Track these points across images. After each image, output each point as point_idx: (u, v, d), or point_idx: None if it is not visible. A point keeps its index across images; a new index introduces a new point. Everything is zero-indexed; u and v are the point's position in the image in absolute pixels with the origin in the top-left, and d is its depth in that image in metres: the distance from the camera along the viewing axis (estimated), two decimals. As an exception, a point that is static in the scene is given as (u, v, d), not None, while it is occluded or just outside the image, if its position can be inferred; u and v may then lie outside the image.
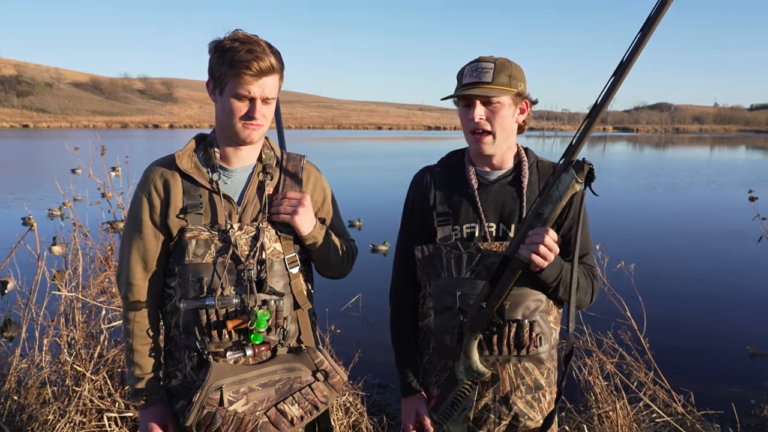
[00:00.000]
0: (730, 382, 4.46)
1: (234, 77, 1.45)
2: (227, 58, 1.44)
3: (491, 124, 1.54)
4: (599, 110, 1.33)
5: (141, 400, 1.59)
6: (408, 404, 1.68)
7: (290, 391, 1.54)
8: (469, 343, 1.51)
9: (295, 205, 1.57)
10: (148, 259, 1.57)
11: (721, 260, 8.90)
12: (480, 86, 1.51)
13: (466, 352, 1.52)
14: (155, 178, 1.56)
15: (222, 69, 1.46)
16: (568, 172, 1.36)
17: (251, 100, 1.48)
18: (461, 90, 1.53)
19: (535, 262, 1.42)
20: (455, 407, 1.55)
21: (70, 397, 2.97)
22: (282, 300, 1.55)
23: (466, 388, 1.54)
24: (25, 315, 3.33)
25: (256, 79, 1.45)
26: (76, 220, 3.87)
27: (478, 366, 1.52)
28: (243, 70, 1.43)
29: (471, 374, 1.52)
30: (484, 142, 1.56)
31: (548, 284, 1.52)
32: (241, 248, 1.53)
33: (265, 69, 1.45)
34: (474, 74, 1.52)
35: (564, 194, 1.37)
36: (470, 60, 1.58)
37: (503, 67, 1.53)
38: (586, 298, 1.62)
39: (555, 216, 1.40)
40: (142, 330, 1.59)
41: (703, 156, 40.33)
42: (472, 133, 1.56)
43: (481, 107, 1.53)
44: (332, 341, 3.41)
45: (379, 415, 3.40)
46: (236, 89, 1.46)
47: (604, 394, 3.12)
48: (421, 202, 1.67)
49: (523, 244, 1.42)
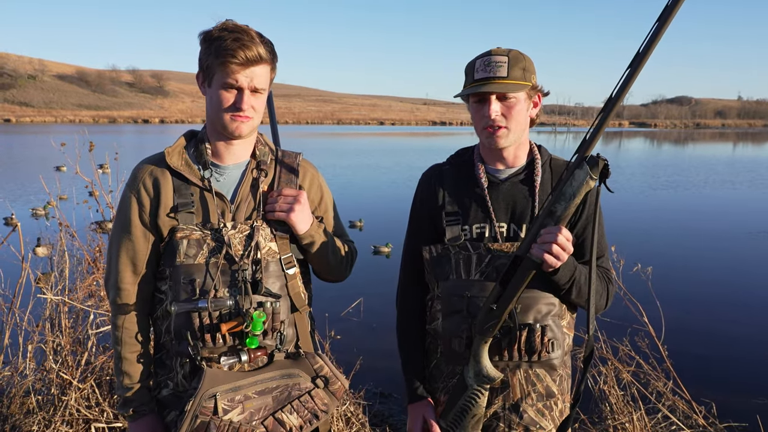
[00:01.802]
0: (755, 392, 4.45)
1: (220, 66, 1.46)
2: (214, 47, 1.45)
3: (506, 119, 1.55)
4: (614, 104, 1.33)
5: (130, 411, 1.60)
6: (414, 411, 1.69)
7: (288, 398, 1.54)
8: (479, 347, 1.51)
9: (291, 202, 1.57)
10: (137, 262, 1.58)
11: (744, 263, 8.88)
12: (495, 81, 1.51)
13: (476, 357, 1.52)
14: (144, 177, 1.57)
15: (210, 59, 1.47)
16: (581, 168, 1.36)
17: (239, 90, 1.49)
18: (474, 85, 1.53)
19: (548, 261, 1.41)
20: (465, 414, 1.55)
21: (55, 406, 2.98)
22: (278, 302, 1.55)
23: (476, 394, 1.54)
24: (8, 320, 3.34)
25: (243, 68, 1.46)
26: (62, 220, 3.89)
27: (488, 371, 1.52)
28: (229, 58, 1.44)
29: (481, 380, 1.52)
30: (499, 135, 1.56)
31: (561, 286, 1.52)
32: (235, 248, 1.54)
33: (252, 58, 1.46)
34: (487, 69, 1.52)
35: (578, 191, 1.37)
36: (479, 53, 1.58)
37: (516, 60, 1.53)
38: (600, 302, 1.62)
39: (569, 214, 1.40)
40: (132, 337, 1.60)
41: (726, 153, 40.23)
42: (485, 128, 1.57)
43: (496, 103, 1.53)
44: (332, 348, 3.41)
45: (382, 426, 3.41)
46: (223, 79, 1.47)
47: (620, 404, 3.12)
48: (429, 201, 1.68)
49: (535, 243, 1.42)
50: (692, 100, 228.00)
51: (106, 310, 3.36)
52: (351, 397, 3.26)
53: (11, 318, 3.33)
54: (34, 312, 3.36)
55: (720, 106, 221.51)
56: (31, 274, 3.43)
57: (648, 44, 1.26)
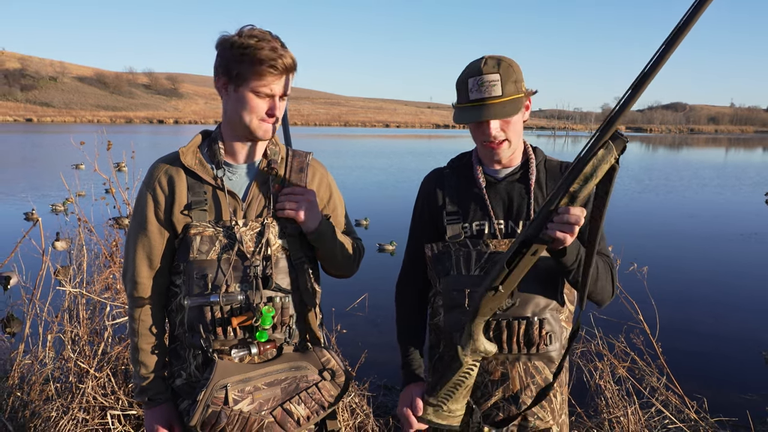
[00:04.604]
0: (745, 388, 4.44)
1: (256, 74, 1.45)
2: (248, 55, 1.44)
3: (506, 132, 1.54)
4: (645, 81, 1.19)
5: (146, 399, 1.61)
6: (405, 392, 1.66)
7: (296, 390, 1.54)
8: (477, 326, 1.47)
9: (300, 200, 1.57)
10: (153, 257, 1.58)
11: (736, 264, 8.84)
12: (491, 102, 1.48)
13: (472, 335, 1.48)
14: (160, 175, 1.58)
15: (242, 66, 1.45)
16: (606, 148, 1.26)
17: (271, 97, 1.50)
18: (471, 107, 1.51)
19: (559, 237, 1.33)
20: (458, 387, 1.52)
21: (73, 393, 3.00)
22: (288, 297, 1.56)
23: (471, 368, 1.51)
24: (29, 310, 3.35)
25: (279, 78, 1.48)
26: (81, 216, 3.90)
27: (485, 345, 1.49)
28: (268, 68, 1.44)
29: (477, 354, 1.49)
30: (502, 148, 1.56)
31: (569, 267, 1.46)
32: (247, 244, 1.54)
33: (289, 66, 1.49)
34: (482, 89, 1.48)
35: (598, 170, 1.27)
36: (467, 67, 1.53)
37: (508, 75, 1.49)
38: (607, 286, 1.56)
39: (585, 195, 1.30)
40: (147, 328, 1.61)
41: (719, 157, 40.06)
42: (486, 144, 1.56)
43: (495, 122, 1.52)
44: (338, 341, 3.41)
45: (385, 417, 3.40)
46: (258, 87, 1.47)
47: (616, 398, 3.11)
48: (430, 202, 1.69)
49: (550, 222, 1.34)
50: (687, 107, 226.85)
51: (122, 302, 3.37)
52: (356, 389, 3.26)
53: (32, 309, 3.34)
54: (53, 303, 3.37)
55: (713, 113, 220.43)
56: (51, 267, 3.44)
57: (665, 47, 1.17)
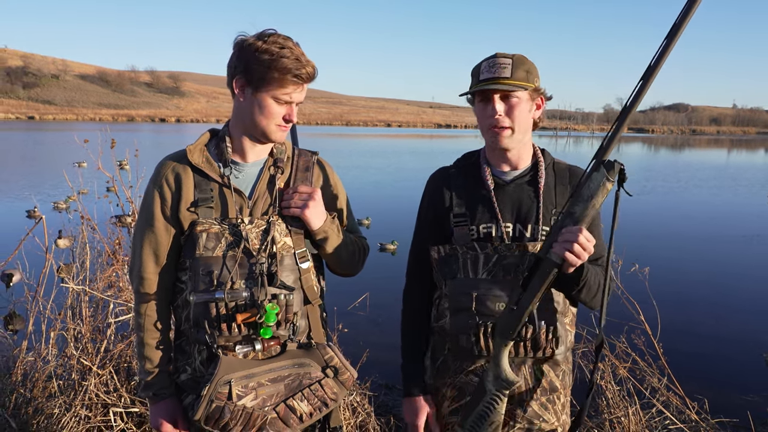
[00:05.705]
0: (746, 389, 4.43)
1: (278, 82, 1.49)
2: (273, 62, 1.47)
3: (510, 119, 1.55)
4: (628, 112, 1.35)
5: (151, 394, 1.62)
6: (413, 405, 1.67)
7: (299, 387, 1.55)
8: (499, 350, 1.49)
9: (305, 199, 1.58)
10: (159, 253, 1.60)
11: (738, 265, 8.83)
12: (498, 81, 1.52)
13: (496, 360, 1.49)
14: (167, 172, 1.59)
15: (265, 72, 1.48)
16: (598, 171, 1.36)
17: (289, 104, 1.55)
18: (479, 86, 1.54)
19: (569, 260, 1.39)
20: (484, 420, 1.52)
21: (76, 391, 3.01)
22: (292, 294, 1.56)
23: (495, 400, 1.50)
24: (32, 308, 3.36)
25: (300, 87, 1.53)
26: (84, 213, 3.92)
27: (507, 375, 1.49)
28: (292, 77, 1.49)
29: (500, 384, 1.49)
30: (503, 135, 1.56)
31: (577, 286, 1.50)
32: (252, 242, 1.55)
33: (311, 76, 1.54)
34: (492, 70, 1.53)
35: (595, 193, 1.37)
36: (485, 57, 1.59)
37: (520, 62, 1.54)
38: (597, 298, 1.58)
39: (587, 215, 1.39)
40: (153, 324, 1.62)
41: (721, 158, 40.00)
42: (490, 128, 1.57)
43: (500, 103, 1.54)
44: (340, 340, 3.42)
45: (387, 416, 3.41)
46: (280, 94, 1.51)
47: (616, 399, 3.12)
48: (437, 203, 1.67)
49: (555, 242, 1.40)
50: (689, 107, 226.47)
51: (125, 300, 3.39)
52: (358, 387, 3.26)
53: (35, 306, 3.35)
54: (56, 301, 3.38)
55: (715, 114, 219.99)
56: (54, 265, 3.45)
57: (659, 57, 1.29)
